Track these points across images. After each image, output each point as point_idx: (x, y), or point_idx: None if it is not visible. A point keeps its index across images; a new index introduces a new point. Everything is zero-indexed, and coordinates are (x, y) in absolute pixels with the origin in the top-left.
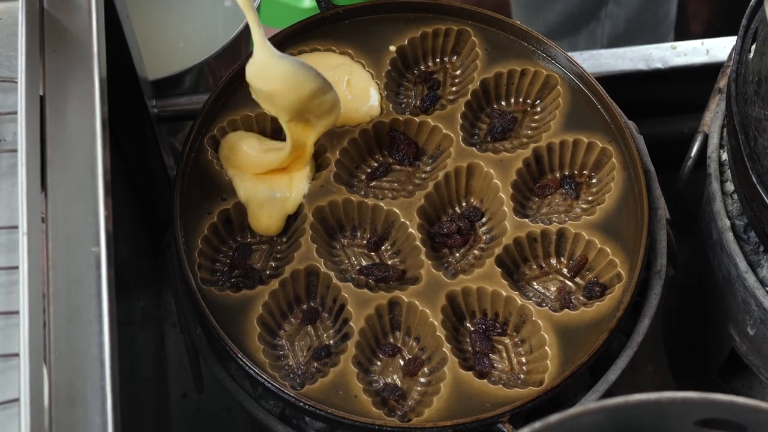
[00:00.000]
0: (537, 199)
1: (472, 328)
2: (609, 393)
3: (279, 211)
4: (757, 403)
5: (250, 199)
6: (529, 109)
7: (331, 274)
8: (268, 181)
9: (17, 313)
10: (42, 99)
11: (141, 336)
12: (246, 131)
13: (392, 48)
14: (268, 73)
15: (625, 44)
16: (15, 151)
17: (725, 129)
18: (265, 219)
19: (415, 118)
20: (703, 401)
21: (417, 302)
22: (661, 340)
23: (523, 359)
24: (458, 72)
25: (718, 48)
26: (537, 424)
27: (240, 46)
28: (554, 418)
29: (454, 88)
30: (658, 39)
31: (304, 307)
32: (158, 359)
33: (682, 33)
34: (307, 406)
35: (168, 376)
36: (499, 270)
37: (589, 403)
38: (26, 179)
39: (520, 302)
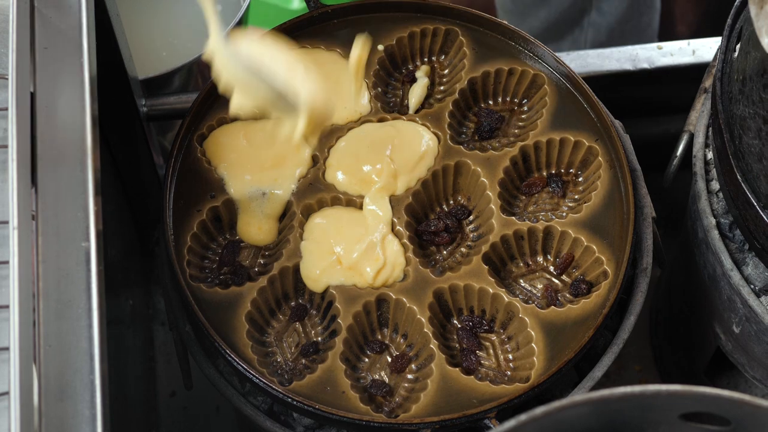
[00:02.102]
0: (524, 197)
1: (459, 325)
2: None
3: (268, 220)
4: (741, 397)
5: (240, 198)
6: (516, 108)
7: None
8: (257, 178)
9: (7, 307)
10: (32, 96)
11: (130, 334)
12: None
13: (380, 47)
14: (225, 66)
15: None
16: (5, 147)
17: (711, 128)
18: (255, 231)
19: (404, 117)
20: (688, 394)
21: (405, 299)
22: (648, 339)
23: (510, 356)
24: (446, 71)
25: (704, 48)
26: (523, 417)
27: None
28: (540, 410)
29: (441, 87)
30: None
31: (293, 303)
32: (147, 358)
33: (669, 35)
34: (295, 402)
35: (157, 374)
36: (486, 267)
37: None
38: (17, 175)
39: (507, 299)
